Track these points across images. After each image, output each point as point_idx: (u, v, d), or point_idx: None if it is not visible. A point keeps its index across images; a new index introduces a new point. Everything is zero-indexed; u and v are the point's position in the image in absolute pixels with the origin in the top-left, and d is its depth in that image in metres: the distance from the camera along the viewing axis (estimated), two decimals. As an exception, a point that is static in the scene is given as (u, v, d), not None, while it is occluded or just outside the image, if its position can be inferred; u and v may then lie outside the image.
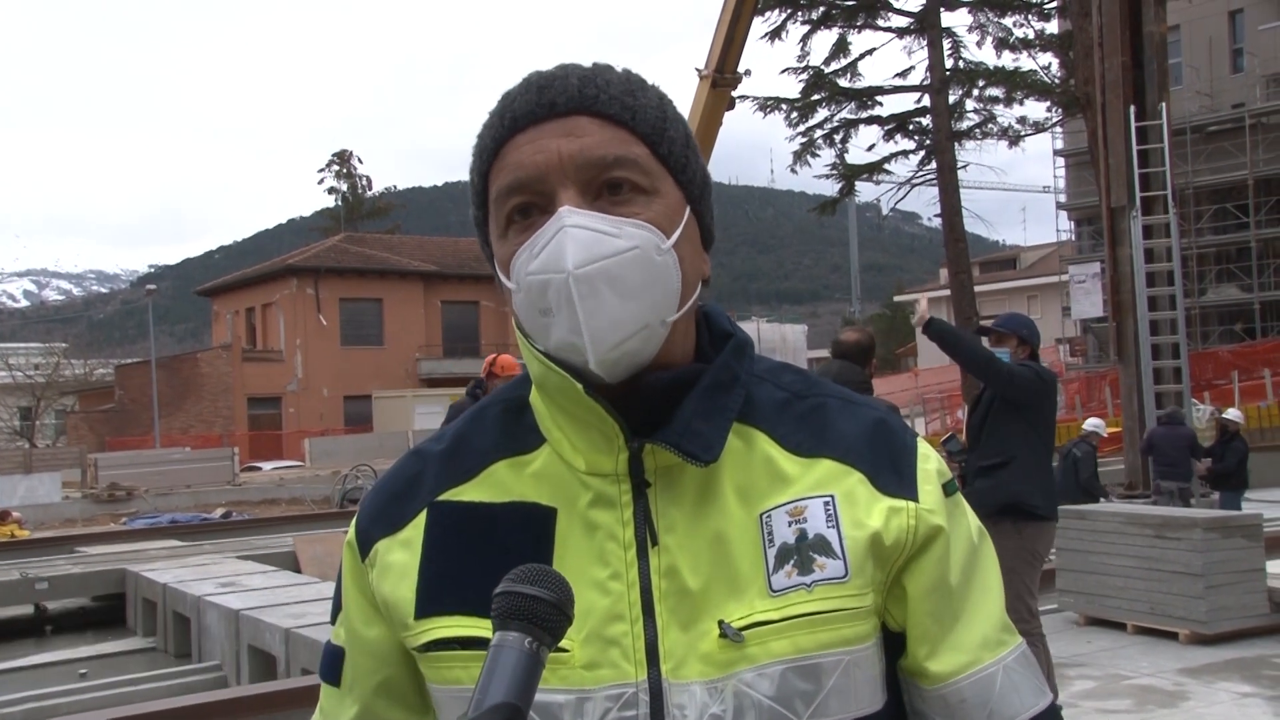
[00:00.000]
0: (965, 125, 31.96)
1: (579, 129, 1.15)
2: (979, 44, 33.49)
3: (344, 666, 1.27)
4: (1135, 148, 14.34)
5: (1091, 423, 13.34)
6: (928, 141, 31.46)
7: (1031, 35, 31.13)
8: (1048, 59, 31.70)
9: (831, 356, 6.48)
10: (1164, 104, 14.50)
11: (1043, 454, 6.29)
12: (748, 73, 23.06)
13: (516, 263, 1.14)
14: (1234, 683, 7.05)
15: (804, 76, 31.67)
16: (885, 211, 38.34)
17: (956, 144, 31.14)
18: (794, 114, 31.80)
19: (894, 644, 1.21)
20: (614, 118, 1.16)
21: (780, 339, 59.26)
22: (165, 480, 30.93)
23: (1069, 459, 12.57)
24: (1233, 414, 15.23)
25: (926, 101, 31.09)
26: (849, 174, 32.50)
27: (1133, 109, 14.41)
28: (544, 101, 1.16)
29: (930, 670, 1.19)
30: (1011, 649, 1.22)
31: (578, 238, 1.10)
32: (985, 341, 6.62)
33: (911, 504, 1.18)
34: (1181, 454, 12.95)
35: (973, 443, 6.39)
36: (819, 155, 32.39)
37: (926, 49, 30.61)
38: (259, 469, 38.85)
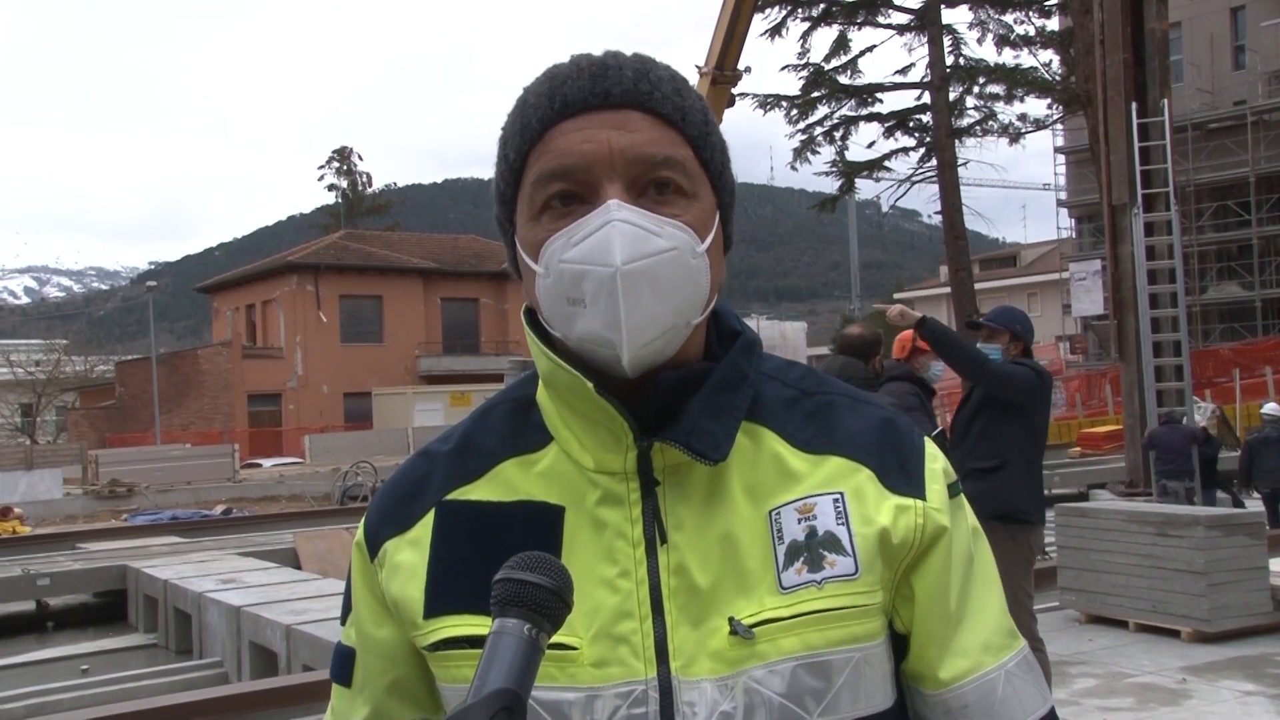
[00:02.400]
0: (965, 122, 31.96)
1: (631, 123, 1.14)
2: (979, 41, 33.56)
3: (355, 667, 1.26)
4: (1136, 145, 14.32)
5: (1271, 406, 13.82)
6: (928, 139, 31.44)
7: (1032, 32, 31.14)
8: (1048, 56, 31.69)
9: (836, 352, 6.44)
10: (1165, 101, 14.48)
11: (1035, 456, 6.13)
12: (748, 70, 23.13)
13: (550, 248, 1.13)
14: (1237, 681, 7.05)
15: (804, 74, 31.67)
16: (885, 209, 38.37)
17: (957, 141, 31.13)
18: (794, 111, 31.79)
19: (899, 645, 1.21)
20: (666, 116, 1.15)
21: (780, 336, 59.19)
22: (166, 477, 30.94)
23: (1276, 443, 13.05)
24: (1271, 408, 15.24)
25: (927, 98, 31.08)
26: (849, 171, 32.49)
27: (1134, 106, 14.39)
28: (598, 90, 1.14)
29: (935, 675, 1.19)
30: (1013, 654, 1.22)
31: (625, 233, 1.09)
32: (977, 337, 6.46)
33: (919, 503, 1.18)
34: (1183, 452, 12.94)
35: (959, 438, 6.18)
36: (819, 152, 32.40)
37: (927, 46, 30.59)
38: (259, 466, 38.85)
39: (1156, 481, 13.12)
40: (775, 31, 30.93)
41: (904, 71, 31.65)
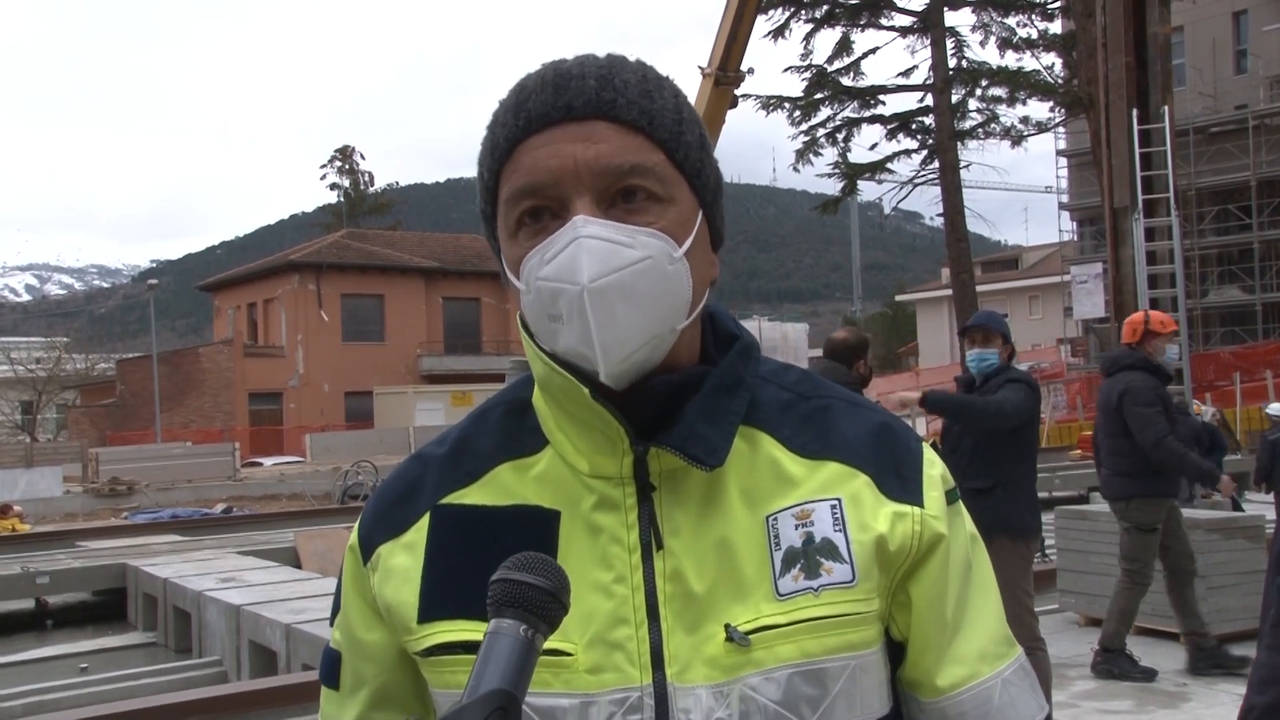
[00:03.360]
0: (968, 125, 32.01)
1: (596, 134, 1.12)
2: (982, 43, 33.69)
3: (343, 670, 1.26)
4: (1138, 149, 14.32)
5: (1275, 406, 14.38)
6: (930, 141, 31.48)
7: (1035, 35, 31.21)
8: (1051, 59, 31.77)
9: (823, 355, 6.41)
10: (1167, 105, 14.48)
11: (1029, 470, 6.07)
12: (750, 71, 23.06)
13: (527, 265, 1.12)
14: (1235, 684, 7.04)
15: (807, 75, 31.73)
16: (887, 211, 38.39)
17: (959, 143, 31.17)
18: (796, 113, 31.85)
19: (895, 652, 1.21)
20: (631, 123, 1.14)
21: (781, 338, 59.07)
22: (166, 475, 30.92)
23: (1275, 446, 13.56)
24: (1276, 408, 15.53)
25: (929, 101, 31.12)
26: (851, 173, 32.53)
27: (1135, 110, 14.39)
28: (560, 104, 1.13)
29: (932, 683, 1.19)
30: (1010, 662, 1.22)
31: (592, 249, 1.08)
32: (968, 341, 6.30)
33: (917, 510, 1.18)
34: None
35: (949, 452, 6.05)
36: (821, 154, 32.47)
37: (929, 48, 30.64)
38: (260, 464, 38.84)
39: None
40: (778, 33, 30.98)
41: (907, 74, 31.73)
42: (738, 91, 22.86)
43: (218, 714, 7.18)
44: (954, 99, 30.95)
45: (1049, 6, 31.02)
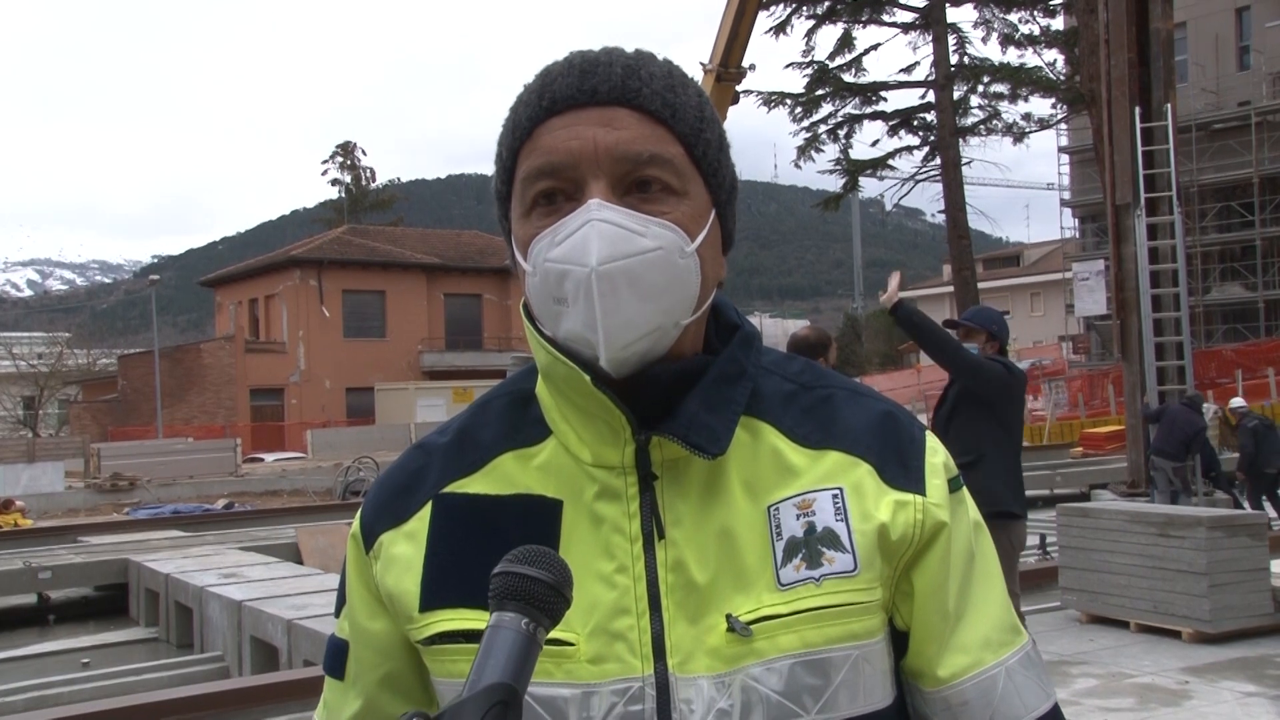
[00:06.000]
0: (970, 121, 31.95)
1: (618, 121, 1.13)
2: (984, 40, 33.70)
3: (348, 660, 1.26)
4: (1140, 146, 14.30)
5: (1239, 400, 15.68)
6: (932, 137, 31.42)
7: (1037, 31, 31.13)
8: (1053, 55, 31.69)
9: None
10: (1170, 102, 14.46)
11: (1011, 452, 6.17)
12: (752, 67, 23.08)
13: (536, 247, 1.12)
14: (1238, 682, 7.04)
15: (808, 71, 31.68)
16: (889, 207, 38.31)
17: (961, 140, 31.11)
18: (798, 109, 31.79)
19: (899, 642, 1.20)
20: (654, 114, 1.14)
21: (783, 334, 59.19)
22: (168, 471, 30.96)
23: (1256, 433, 14.28)
24: (1239, 401, 15.92)
25: (931, 97, 31.06)
26: (853, 169, 32.48)
27: (1138, 107, 14.37)
28: (585, 88, 1.14)
29: (934, 672, 1.18)
30: (1015, 650, 1.21)
31: (604, 232, 1.09)
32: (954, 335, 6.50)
33: (919, 498, 1.17)
34: (1182, 433, 12.99)
35: (940, 436, 6.19)
36: (823, 150, 32.41)
37: (931, 44, 30.58)
38: (261, 460, 38.89)
39: (1151, 457, 13.28)
40: (780, 29, 30.93)
41: (908, 70, 31.66)
42: (739, 88, 22.86)
43: (219, 709, 7.19)
44: (956, 95, 30.89)
45: (1051, 3, 30.96)
